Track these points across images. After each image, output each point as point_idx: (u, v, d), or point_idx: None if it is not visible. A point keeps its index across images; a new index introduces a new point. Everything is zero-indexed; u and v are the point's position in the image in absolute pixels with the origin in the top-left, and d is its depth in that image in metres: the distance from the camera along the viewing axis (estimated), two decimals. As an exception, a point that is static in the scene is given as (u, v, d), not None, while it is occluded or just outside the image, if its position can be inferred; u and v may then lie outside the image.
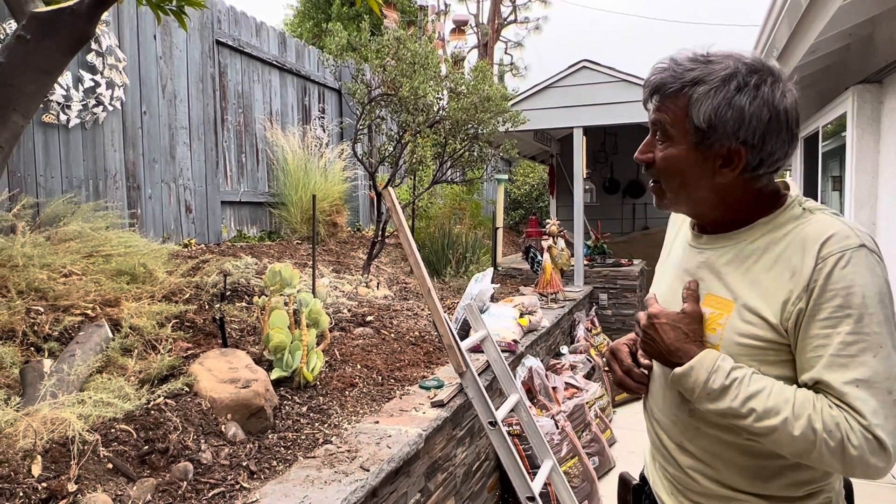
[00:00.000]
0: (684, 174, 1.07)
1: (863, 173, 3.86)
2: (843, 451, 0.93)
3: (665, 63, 1.08)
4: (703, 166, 1.06)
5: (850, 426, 0.93)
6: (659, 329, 1.08)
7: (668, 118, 1.06)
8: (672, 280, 1.21)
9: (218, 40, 4.74)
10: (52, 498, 1.52)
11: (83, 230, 3.06)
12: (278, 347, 2.52)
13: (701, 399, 1.03)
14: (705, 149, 1.04)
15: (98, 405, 1.82)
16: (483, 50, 16.85)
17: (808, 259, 0.98)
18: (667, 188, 1.11)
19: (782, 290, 1.00)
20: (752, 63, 1.03)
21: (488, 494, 3.16)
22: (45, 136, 3.37)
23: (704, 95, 1.02)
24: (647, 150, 1.12)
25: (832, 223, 1.00)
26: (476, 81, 4.96)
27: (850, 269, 0.95)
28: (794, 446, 0.96)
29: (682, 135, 1.05)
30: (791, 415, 0.95)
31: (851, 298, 0.94)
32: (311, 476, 1.86)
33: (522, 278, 6.96)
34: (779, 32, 3.76)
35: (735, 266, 1.08)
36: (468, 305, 3.10)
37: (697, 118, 1.02)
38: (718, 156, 1.04)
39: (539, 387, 3.74)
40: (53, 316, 2.40)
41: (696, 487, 1.14)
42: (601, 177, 9.86)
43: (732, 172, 1.05)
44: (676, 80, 1.04)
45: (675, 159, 1.07)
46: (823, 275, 0.96)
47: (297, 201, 5.35)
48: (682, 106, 1.04)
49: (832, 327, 0.95)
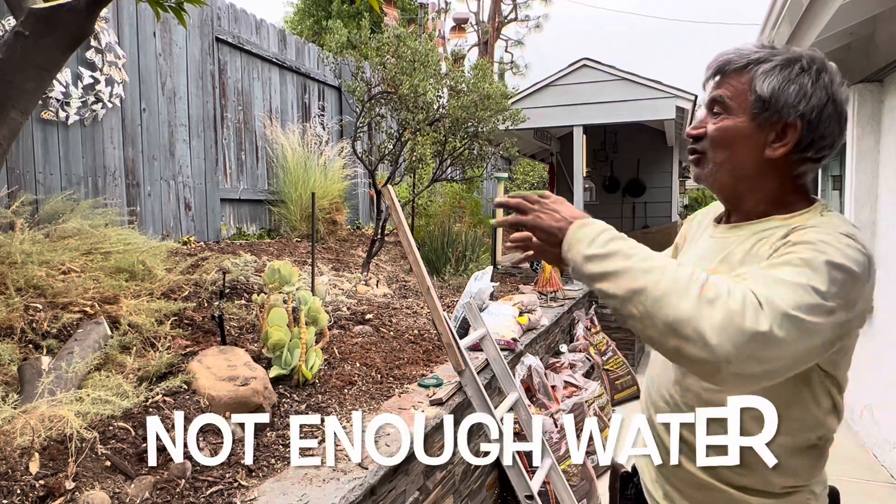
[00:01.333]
0: (735, 145, 1.10)
1: (863, 173, 3.85)
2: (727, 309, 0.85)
3: (730, 50, 1.14)
4: (756, 138, 1.08)
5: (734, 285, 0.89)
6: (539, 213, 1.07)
7: (728, 92, 1.10)
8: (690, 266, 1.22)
9: (218, 37, 4.73)
10: (49, 495, 1.52)
11: (82, 227, 3.06)
12: (277, 345, 2.51)
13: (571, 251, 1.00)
14: (763, 120, 1.07)
15: (96, 403, 1.82)
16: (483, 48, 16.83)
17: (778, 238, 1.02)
18: (712, 159, 1.13)
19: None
20: (813, 54, 1.09)
21: (487, 493, 3.16)
22: (44, 133, 3.36)
23: (770, 70, 1.07)
24: (701, 125, 1.15)
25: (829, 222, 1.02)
26: (476, 79, 4.95)
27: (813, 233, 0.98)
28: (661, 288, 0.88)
29: (742, 106, 1.09)
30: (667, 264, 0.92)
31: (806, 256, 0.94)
32: (309, 474, 1.85)
33: (522, 277, 6.96)
34: (779, 32, 3.75)
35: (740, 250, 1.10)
36: (467, 304, 3.10)
37: (762, 88, 1.06)
38: (774, 129, 1.07)
39: (538, 385, 3.74)
40: (52, 313, 2.39)
41: (680, 473, 1.16)
42: (601, 175, 9.85)
43: (784, 147, 1.07)
44: (742, 58, 1.10)
45: (730, 129, 1.10)
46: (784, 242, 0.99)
47: (297, 199, 5.35)
48: (746, 81, 1.09)
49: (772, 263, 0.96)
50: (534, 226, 1.07)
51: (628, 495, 1.36)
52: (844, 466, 3.59)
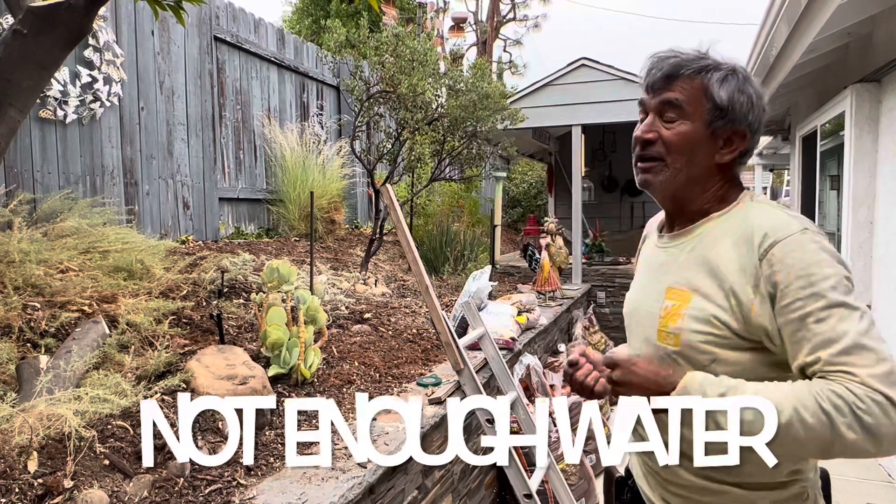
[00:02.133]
0: (692, 151, 1.12)
1: (861, 172, 3.86)
2: (861, 423, 0.89)
3: (668, 52, 1.15)
4: (709, 145, 1.12)
5: (849, 391, 0.91)
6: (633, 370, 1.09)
7: (684, 97, 1.12)
8: (643, 280, 1.28)
9: (216, 36, 4.72)
10: (48, 494, 1.52)
11: (80, 226, 3.05)
12: (276, 344, 2.51)
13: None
14: (716, 128, 1.11)
15: (94, 401, 1.82)
16: (482, 48, 16.83)
17: (752, 252, 1.03)
18: (671, 164, 1.13)
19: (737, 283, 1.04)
20: (739, 63, 1.15)
21: (486, 492, 3.16)
22: (42, 132, 3.36)
23: (722, 79, 1.11)
24: (651, 128, 1.15)
25: (770, 214, 1.06)
26: (475, 79, 4.95)
27: (797, 255, 0.99)
28: (814, 439, 0.92)
29: (698, 112, 1.11)
30: (798, 404, 0.93)
31: (812, 279, 0.97)
32: (308, 473, 1.85)
33: (520, 276, 6.96)
34: (777, 31, 3.76)
35: (692, 260, 1.13)
36: (466, 303, 3.10)
37: (719, 97, 1.10)
38: (723, 136, 1.12)
39: (537, 384, 3.74)
40: (50, 312, 2.39)
41: (677, 480, 1.16)
42: (599, 175, 9.85)
43: (731, 154, 1.13)
44: (692, 64, 1.12)
45: (689, 134, 1.12)
46: (772, 267, 1.00)
47: (296, 198, 5.34)
48: (699, 87, 1.11)
49: (801, 309, 0.97)
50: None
51: (625, 499, 1.35)
52: (842, 466, 3.60)
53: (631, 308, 1.30)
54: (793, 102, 6.59)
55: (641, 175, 1.18)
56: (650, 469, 1.24)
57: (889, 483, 3.42)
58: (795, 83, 5.19)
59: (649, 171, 1.16)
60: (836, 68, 4.69)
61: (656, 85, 1.15)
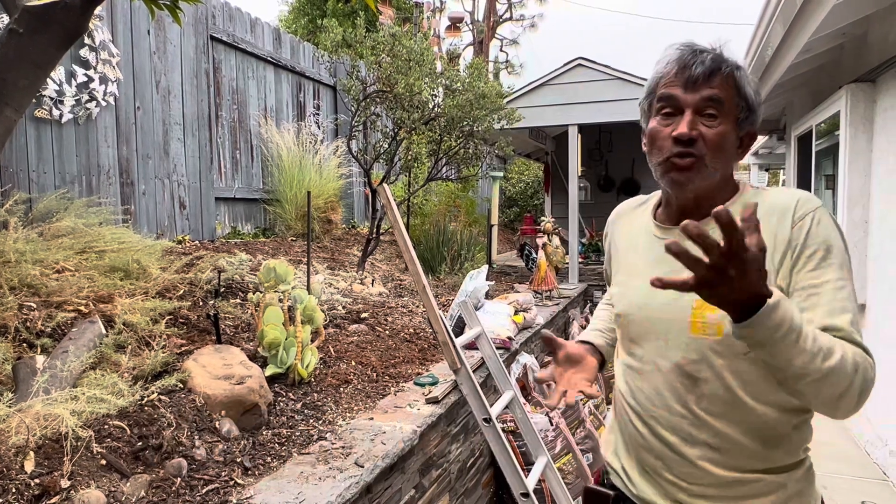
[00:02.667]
0: (727, 151, 1.13)
1: (856, 172, 3.88)
2: (864, 384, 0.99)
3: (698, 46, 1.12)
4: (735, 144, 1.14)
5: (865, 360, 0.99)
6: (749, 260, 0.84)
7: (724, 94, 1.10)
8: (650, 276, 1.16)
9: (212, 36, 4.71)
10: (44, 494, 1.52)
11: (76, 226, 3.04)
12: (273, 344, 2.51)
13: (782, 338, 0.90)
14: (742, 127, 1.13)
15: (91, 401, 1.82)
16: (478, 47, 16.83)
17: (786, 222, 1.07)
18: (711, 164, 1.10)
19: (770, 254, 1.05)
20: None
21: (483, 491, 3.16)
22: (37, 132, 3.35)
23: (747, 77, 1.11)
24: (693, 126, 1.10)
25: (792, 191, 1.12)
26: (471, 78, 4.96)
27: (823, 225, 1.06)
28: (840, 385, 0.96)
29: (733, 112, 1.11)
30: (843, 353, 0.97)
31: (831, 249, 1.05)
32: (305, 472, 1.85)
33: (517, 276, 6.97)
34: (773, 31, 3.77)
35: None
36: (463, 302, 3.10)
37: (750, 96, 1.11)
38: (740, 136, 1.14)
39: (533, 383, 3.75)
40: (46, 312, 2.38)
41: (706, 479, 1.12)
42: (596, 175, 9.87)
43: (744, 153, 1.16)
44: (727, 62, 1.11)
45: (728, 135, 1.12)
46: (804, 232, 1.06)
47: (292, 198, 5.34)
48: (733, 84, 1.11)
49: (821, 276, 1.04)
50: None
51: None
52: (838, 465, 3.62)
53: (638, 305, 1.21)
54: (788, 102, 6.62)
55: (679, 173, 1.11)
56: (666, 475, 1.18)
57: (884, 481, 3.44)
58: (791, 83, 5.21)
59: (690, 168, 1.10)
60: (831, 68, 4.71)
61: (699, 80, 1.09)
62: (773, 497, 1.11)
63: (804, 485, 1.15)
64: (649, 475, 1.21)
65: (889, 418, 3.42)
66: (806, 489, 1.15)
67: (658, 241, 1.20)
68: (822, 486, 3.54)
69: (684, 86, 1.10)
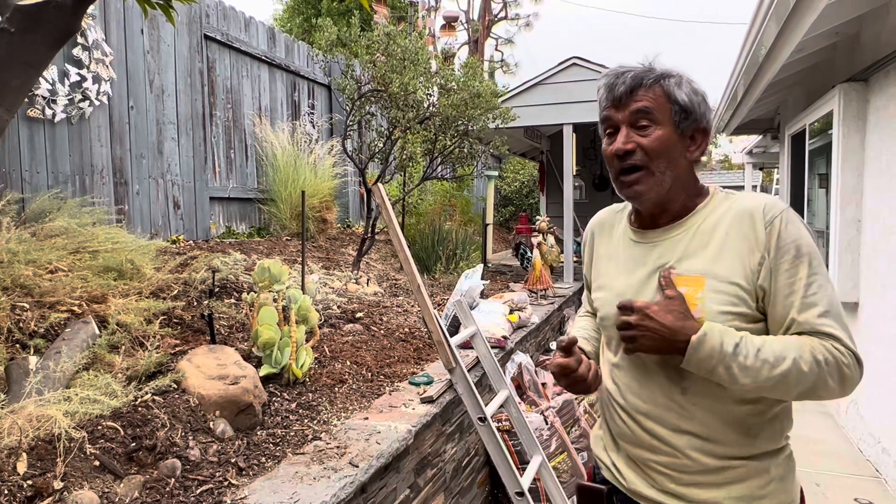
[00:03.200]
0: (670, 153, 1.20)
1: (848, 171, 3.89)
2: (841, 374, 1.09)
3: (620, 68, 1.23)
4: (681, 146, 1.22)
5: (838, 350, 1.09)
6: (655, 316, 1.13)
7: (651, 104, 1.19)
8: (628, 279, 1.28)
9: (206, 35, 4.70)
10: (37, 495, 1.51)
11: (69, 226, 3.03)
12: (267, 344, 2.51)
13: (716, 366, 1.10)
14: (684, 128, 1.21)
15: (84, 402, 1.81)
16: (473, 46, 16.82)
17: (758, 224, 1.15)
18: (656, 170, 1.20)
19: (746, 257, 1.14)
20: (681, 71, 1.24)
21: (478, 490, 3.17)
22: (30, 131, 3.33)
23: (678, 83, 1.20)
24: (629, 139, 1.21)
25: (758, 196, 1.20)
26: (466, 77, 4.96)
27: (792, 226, 1.14)
28: (804, 383, 1.08)
29: (667, 117, 1.20)
30: (797, 355, 1.08)
31: (801, 248, 1.13)
32: (300, 472, 1.85)
33: (512, 275, 6.97)
34: (767, 31, 3.78)
35: (694, 247, 1.20)
36: (458, 302, 3.10)
37: (682, 99, 1.19)
38: (688, 135, 1.22)
39: (528, 382, 3.76)
40: (39, 312, 2.37)
41: (694, 467, 1.18)
42: (591, 174, 9.89)
43: (697, 151, 1.23)
44: (650, 74, 1.20)
45: (664, 138, 1.20)
46: (775, 236, 1.13)
47: (287, 197, 5.33)
48: (661, 93, 1.20)
49: (794, 275, 1.12)
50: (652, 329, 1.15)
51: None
52: (830, 461, 3.64)
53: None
54: (782, 101, 6.64)
55: (629, 188, 1.23)
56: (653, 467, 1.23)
57: (876, 478, 3.46)
58: (784, 82, 5.23)
59: (637, 182, 1.21)
60: (824, 67, 4.73)
61: (623, 98, 1.21)
62: (758, 481, 1.18)
63: (785, 470, 1.21)
64: (639, 468, 1.27)
65: (882, 416, 3.44)
66: (787, 475, 1.22)
67: (633, 245, 1.30)
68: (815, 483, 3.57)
69: (615, 106, 1.23)
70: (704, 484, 1.18)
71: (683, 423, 1.19)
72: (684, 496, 1.20)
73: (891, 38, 3.33)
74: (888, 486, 3.35)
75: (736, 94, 5.38)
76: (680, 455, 1.19)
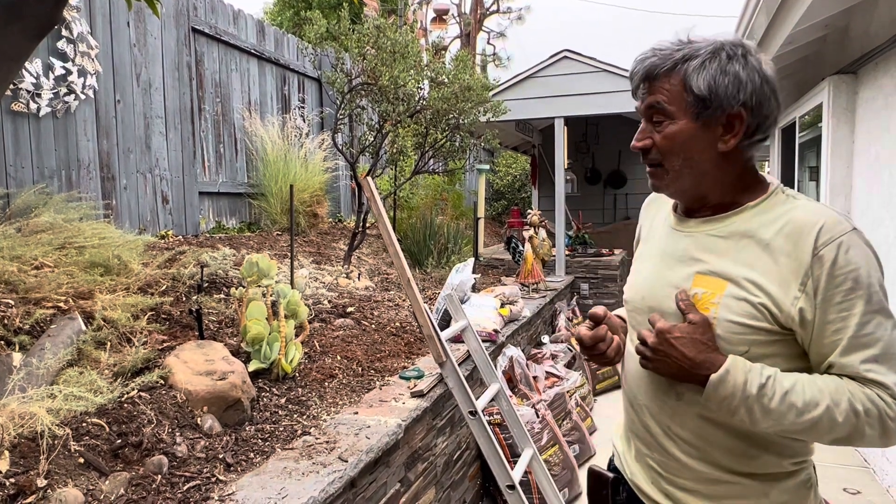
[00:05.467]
0: (688, 149, 1.09)
1: (838, 163, 3.91)
2: (883, 425, 0.98)
3: (648, 52, 1.11)
4: (706, 137, 1.08)
5: (883, 401, 0.98)
6: (676, 344, 1.04)
7: (664, 97, 1.08)
8: (657, 265, 1.20)
9: (194, 28, 4.65)
10: (20, 494, 1.49)
11: (55, 221, 2.99)
12: (256, 339, 2.49)
13: (738, 407, 1.01)
14: (707, 118, 1.07)
15: (69, 399, 1.79)
16: (465, 40, 16.77)
17: (805, 248, 1.00)
18: (670, 167, 1.11)
19: (786, 274, 1.02)
20: (733, 39, 1.08)
21: (469, 483, 3.17)
22: (14, 125, 3.28)
23: (699, 67, 1.05)
24: (644, 136, 1.13)
25: (820, 210, 1.03)
26: (457, 71, 4.93)
27: (853, 253, 0.99)
28: (837, 432, 0.99)
29: (682, 109, 1.07)
30: (831, 402, 0.98)
31: (859, 280, 0.98)
32: (288, 468, 1.84)
33: (504, 269, 6.97)
34: (756, 23, 3.78)
35: (726, 247, 1.09)
36: (449, 296, 3.09)
37: (698, 87, 1.05)
38: (720, 123, 1.07)
39: (520, 376, 3.76)
40: (24, 309, 2.34)
41: (685, 473, 1.13)
42: (583, 167, 9.89)
43: (735, 138, 1.07)
44: (667, 60, 1.07)
45: (678, 135, 1.08)
46: (829, 262, 0.98)
47: (277, 192, 5.30)
48: (678, 82, 1.07)
49: (848, 310, 0.98)
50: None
51: (620, 500, 1.31)
52: (820, 452, 3.66)
53: (641, 294, 1.22)
54: (772, 94, 6.65)
55: (650, 181, 1.17)
56: (651, 463, 1.20)
57: (865, 468, 3.49)
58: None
59: (654, 176, 1.15)
60: (814, 60, 4.74)
61: (639, 91, 1.13)
62: (753, 503, 1.10)
63: (793, 499, 1.11)
64: (643, 461, 1.23)
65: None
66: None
67: (669, 231, 1.21)
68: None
69: (635, 97, 1.15)
70: (694, 492, 1.13)
71: (675, 427, 1.14)
72: (677, 500, 1.15)
73: (880, 30, 3.33)
74: (876, 476, 3.37)
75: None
76: (670, 457, 1.15)
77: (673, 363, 1.05)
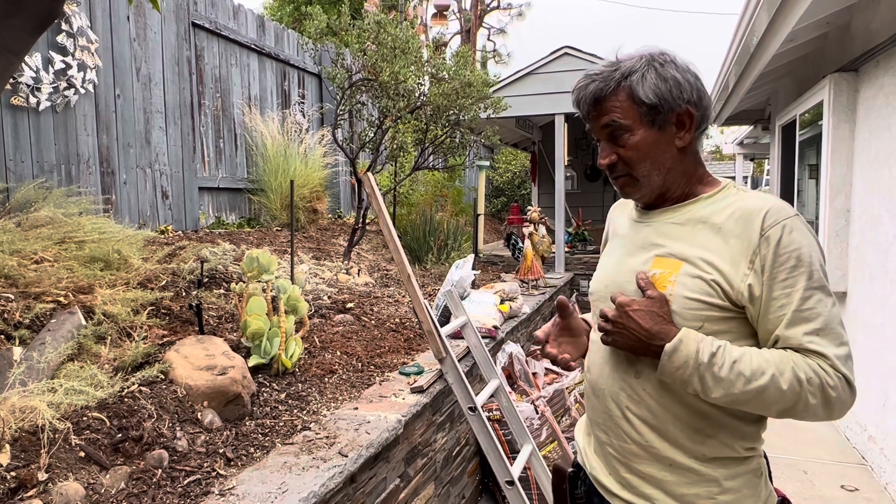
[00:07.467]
0: (651, 154, 1.18)
1: (838, 161, 3.91)
2: (824, 395, 1.04)
3: (585, 79, 1.20)
4: (664, 138, 1.18)
5: (824, 370, 1.04)
6: (634, 316, 1.12)
7: (618, 114, 1.17)
8: (621, 256, 1.28)
9: (194, 23, 4.64)
10: (21, 487, 1.50)
11: (55, 216, 2.99)
12: (256, 334, 2.49)
13: (691, 376, 1.08)
14: (661, 122, 1.17)
15: (69, 393, 1.79)
16: (465, 36, 16.73)
17: (753, 229, 1.09)
18: (639, 175, 1.20)
19: (730, 253, 1.10)
20: (655, 50, 1.19)
21: (468, 479, 3.17)
22: (14, 120, 3.28)
23: (641, 79, 1.15)
24: (608, 153, 1.21)
25: (767, 198, 1.14)
26: (457, 67, 4.92)
27: (795, 234, 1.08)
28: (783, 402, 1.05)
29: (637, 120, 1.17)
30: (776, 371, 1.04)
31: (802, 258, 1.07)
32: (288, 462, 1.85)
33: (504, 265, 6.97)
34: (758, 20, 3.77)
35: (683, 232, 1.18)
36: (449, 292, 3.10)
37: (646, 97, 1.14)
38: (671, 123, 1.17)
39: (519, 372, 3.76)
40: (24, 303, 2.34)
41: (642, 455, 1.17)
42: (582, 164, 9.89)
43: (689, 133, 1.18)
44: (609, 82, 1.17)
45: (641, 143, 1.17)
46: (774, 242, 1.08)
47: (277, 187, 5.29)
48: (625, 98, 1.16)
49: (791, 286, 1.07)
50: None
51: (578, 494, 1.36)
52: (818, 449, 3.68)
53: (604, 283, 1.29)
54: (773, 92, 6.65)
55: (621, 191, 1.26)
56: (609, 451, 1.23)
57: (863, 465, 3.50)
58: (775, 72, 5.23)
59: (626, 185, 1.23)
60: (814, 58, 4.73)
61: (590, 114, 1.21)
62: (703, 490, 1.13)
63: (743, 486, 1.14)
64: (600, 450, 1.27)
65: (868, 404, 3.47)
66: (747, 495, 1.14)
67: (633, 224, 1.30)
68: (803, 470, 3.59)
69: (587, 120, 1.23)
70: (652, 479, 1.16)
71: (633, 406, 1.18)
72: (634, 487, 1.19)
73: (881, 27, 3.33)
74: (874, 473, 3.39)
75: (727, 83, 5.38)
76: (629, 440, 1.19)
77: (631, 335, 1.12)
